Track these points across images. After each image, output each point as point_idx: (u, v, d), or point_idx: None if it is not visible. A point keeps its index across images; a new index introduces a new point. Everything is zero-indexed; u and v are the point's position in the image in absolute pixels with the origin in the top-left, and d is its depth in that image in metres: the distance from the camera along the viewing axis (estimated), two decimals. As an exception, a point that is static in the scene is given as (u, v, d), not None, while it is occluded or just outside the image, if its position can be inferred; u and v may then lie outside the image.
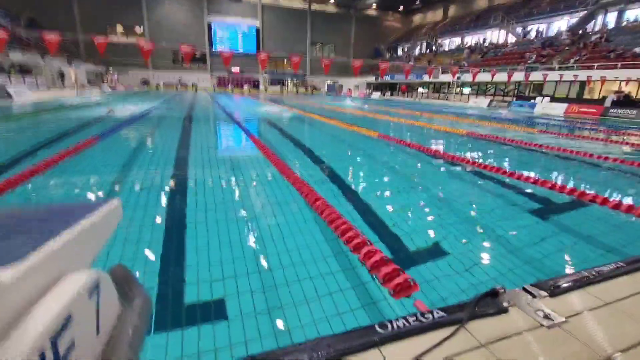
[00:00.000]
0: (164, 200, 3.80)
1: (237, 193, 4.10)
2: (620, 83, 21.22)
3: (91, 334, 0.53)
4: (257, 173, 4.93)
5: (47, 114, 11.86)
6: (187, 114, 13.51)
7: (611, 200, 3.76)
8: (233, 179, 4.63)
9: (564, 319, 1.41)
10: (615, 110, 19.40)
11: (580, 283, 1.66)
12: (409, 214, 3.61)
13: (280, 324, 1.87)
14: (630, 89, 21.16)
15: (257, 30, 48.40)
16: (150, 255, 2.58)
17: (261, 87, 48.59)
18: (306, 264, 2.46)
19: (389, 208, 3.72)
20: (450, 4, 48.35)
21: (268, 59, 11.92)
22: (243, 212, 3.45)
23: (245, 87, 47.81)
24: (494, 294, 1.52)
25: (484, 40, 38.85)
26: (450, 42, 44.76)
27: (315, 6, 50.36)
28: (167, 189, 4.15)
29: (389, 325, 1.32)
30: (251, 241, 2.84)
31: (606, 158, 6.42)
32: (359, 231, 2.77)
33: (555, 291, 1.59)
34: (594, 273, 1.74)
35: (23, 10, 33.85)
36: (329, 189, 4.28)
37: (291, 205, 3.60)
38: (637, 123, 16.09)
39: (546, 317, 1.41)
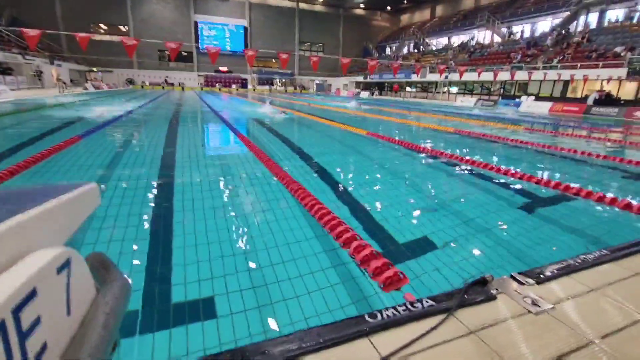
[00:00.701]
0: (150, 197, 3.73)
1: (225, 190, 4.05)
2: (602, 82, 21.77)
3: (60, 312, 0.50)
4: (245, 170, 4.87)
5: (28, 114, 11.54)
6: (175, 113, 13.32)
7: (595, 193, 3.84)
8: (221, 176, 4.57)
9: (551, 306, 1.42)
10: (598, 108, 19.91)
11: (566, 270, 1.68)
12: (399, 209, 3.62)
13: (270, 321, 1.84)
14: (611, 87, 21.73)
15: (245, 29, 48.00)
16: (136, 253, 2.52)
17: (249, 86, 48.18)
18: (296, 261, 2.44)
19: (378, 203, 3.73)
20: (438, 4, 48.88)
21: (256, 55, 11.80)
22: (231, 210, 3.40)
23: (234, 86, 47.34)
24: (482, 282, 1.53)
25: (472, 38, 39.35)
26: (437, 42, 45.22)
27: (303, 5, 50.28)
28: (153, 186, 4.07)
29: (379, 315, 1.31)
30: (240, 238, 2.81)
31: (589, 154, 6.57)
32: (348, 226, 2.77)
33: (542, 279, 1.60)
34: (580, 261, 1.77)
35: (5, 9, 32.92)
36: (318, 185, 4.26)
37: (280, 202, 3.57)
38: (618, 120, 16.53)
39: (534, 303, 1.43)
